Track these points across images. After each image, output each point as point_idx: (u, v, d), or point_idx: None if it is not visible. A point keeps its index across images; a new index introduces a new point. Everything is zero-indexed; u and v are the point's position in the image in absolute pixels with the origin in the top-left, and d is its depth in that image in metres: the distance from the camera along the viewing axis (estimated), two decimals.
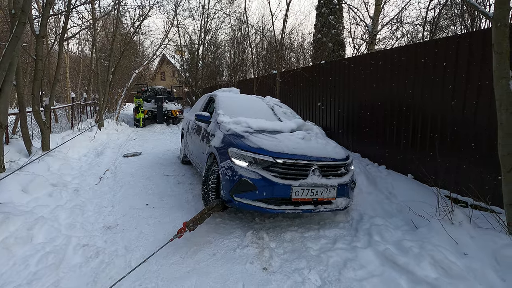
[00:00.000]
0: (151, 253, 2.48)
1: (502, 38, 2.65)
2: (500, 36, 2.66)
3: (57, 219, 3.10)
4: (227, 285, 2.23)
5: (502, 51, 2.65)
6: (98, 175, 5.15)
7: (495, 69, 2.71)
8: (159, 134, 11.32)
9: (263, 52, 15.31)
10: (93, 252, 2.62)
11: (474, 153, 3.44)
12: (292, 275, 2.36)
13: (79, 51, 16.58)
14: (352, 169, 3.50)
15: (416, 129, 4.20)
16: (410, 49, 4.36)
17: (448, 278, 2.20)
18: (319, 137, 3.66)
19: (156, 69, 32.02)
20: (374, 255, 2.60)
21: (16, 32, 3.29)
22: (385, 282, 2.28)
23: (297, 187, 2.92)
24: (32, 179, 3.71)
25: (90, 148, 7.51)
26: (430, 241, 2.61)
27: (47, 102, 6.31)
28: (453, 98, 3.66)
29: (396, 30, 8.47)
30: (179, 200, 4.00)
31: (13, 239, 2.49)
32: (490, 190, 3.22)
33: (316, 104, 6.75)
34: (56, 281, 2.17)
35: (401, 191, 4.07)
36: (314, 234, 3.06)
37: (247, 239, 2.89)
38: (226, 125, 3.53)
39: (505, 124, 2.65)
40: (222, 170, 3.09)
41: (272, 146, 3.05)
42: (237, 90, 5.32)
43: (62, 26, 6.31)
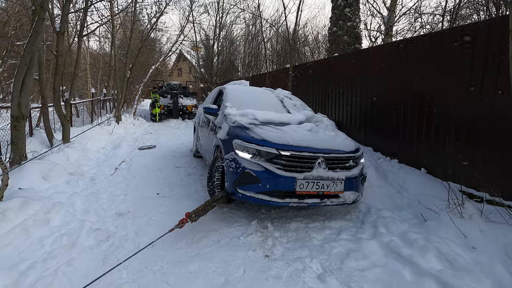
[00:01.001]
0: (152, 241, 2.54)
1: None
2: None
3: (73, 205, 3.27)
4: (229, 270, 2.28)
5: None
6: (114, 166, 5.36)
7: (511, 55, 2.58)
8: (174, 129, 11.56)
9: (278, 46, 15.21)
10: (105, 236, 2.76)
11: (490, 147, 3.30)
12: (294, 263, 2.39)
13: (100, 48, 17.16)
14: (362, 162, 3.43)
15: (429, 122, 4.07)
16: (424, 39, 4.22)
17: (453, 271, 2.15)
18: (328, 129, 3.62)
19: (173, 66, 32.60)
20: (378, 247, 2.58)
21: (35, 28, 3.47)
22: (388, 272, 2.26)
23: (301, 180, 2.87)
24: (51, 167, 3.92)
25: (108, 141, 7.80)
26: (437, 233, 2.55)
27: (68, 97, 6.60)
28: (468, 88, 3.51)
29: (414, 21, 8.17)
30: (188, 190, 4.10)
31: (32, 221, 2.67)
32: (508, 185, 3.08)
33: (328, 98, 6.66)
34: (69, 260, 2.31)
35: (412, 185, 3.97)
36: (319, 225, 3.06)
37: (251, 228, 2.94)
38: (233, 117, 3.55)
39: None
40: (227, 162, 3.11)
41: (276, 137, 3.02)
42: (247, 83, 5.34)
43: (80, 23, 6.56)
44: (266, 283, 2.13)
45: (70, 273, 2.17)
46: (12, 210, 2.66)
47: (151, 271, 2.27)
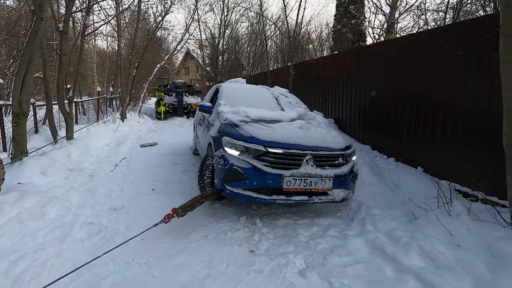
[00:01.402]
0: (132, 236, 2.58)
1: (510, 19, 2.48)
2: (508, 17, 2.48)
3: (69, 200, 3.37)
4: (212, 264, 2.33)
5: (509, 33, 2.48)
6: (114, 163, 5.47)
7: (502, 53, 2.54)
8: (178, 127, 11.69)
9: (282, 45, 15.17)
10: (97, 230, 2.84)
11: (485, 146, 3.25)
12: (277, 258, 2.42)
13: (107, 47, 17.44)
14: (353, 160, 3.41)
15: (426, 121, 4.03)
16: (421, 37, 4.17)
17: (435, 268, 2.15)
18: (320, 126, 3.61)
19: (180, 64, 32.84)
20: (364, 244, 2.59)
21: (34, 27, 3.58)
22: (370, 269, 2.27)
23: (288, 177, 2.87)
24: (51, 163, 4.04)
25: (112, 139, 7.94)
26: (423, 231, 2.55)
27: (71, 95, 6.75)
28: (466, 88, 3.46)
29: (418, 18, 8.05)
30: (183, 187, 4.17)
31: (27, 214, 2.77)
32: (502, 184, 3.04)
33: (328, 96, 6.64)
34: (59, 252, 2.40)
35: (407, 183, 3.95)
36: (308, 222, 3.08)
37: (240, 224, 2.98)
38: (225, 114, 3.59)
39: (511, 111, 2.49)
40: (216, 159, 3.15)
41: (264, 135, 3.03)
42: (243, 81, 5.38)
43: (83, 22, 6.69)
44: (247, 277, 2.17)
45: (59, 264, 2.25)
46: (8, 203, 2.77)
47: (138, 263, 2.34)
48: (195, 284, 2.09)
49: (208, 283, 2.10)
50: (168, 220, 2.73)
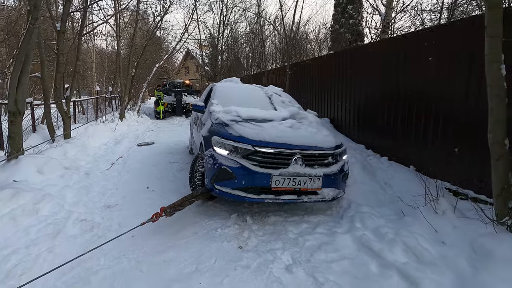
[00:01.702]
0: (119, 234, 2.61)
1: (495, 20, 2.51)
2: (493, 18, 2.52)
3: (64, 197, 3.42)
4: (201, 259, 2.38)
5: (494, 34, 2.52)
6: (110, 161, 5.51)
7: (487, 53, 2.58)
8: (176, 126, 11.73)
9: (280, 45, 15.21)
10: (89, 226, 2.89)
11: (473, 145, 3.29)
12: (265, 254, 2.46)
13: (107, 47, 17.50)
14: (343, 159, 3.41)
15: (418, 120, 4.07)
16: (412, 37, 4.22)
17: (417, 264, 2.19)
18: (311, 125, 3.64)
19: (180, 64, 32.91)
20: (351, 240, 2.63)
21: (29, 28, 3.63)
22: (355, 265, 2.32)
23: (277, 176, 2.88)
24: (47, 161, 4.09)
25: (110, 138, 7.99)
26: (408, 228, 2.59)
27: (68, 94, 6.80)
28: (455, 88, 3.50)
29: (414, 19, 8.08)
30: (177, 185, 4.21)
31: (20, 211, 2.82)
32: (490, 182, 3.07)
33: (324, 95, 6.68)
34: (51, 247, 2.45)
35: (398, 182, 3.99)
36: (297, 219, 3.12)
37: (230, 221, 3.03)
38: (216, 114, 3.61)
39: (495, 110, 2.53)
40: (206, 159, 3.17)
41: (253, 134, 3.05)
42: (238, 80, 5.42)
43: (80, 22, 6.75)
44: (234, 272, 2.22)
45: (50, 259, 2.30)
46: (2, 201, 2.82)
47: (128, 259, 2.39)
48: (182, 279, 2.13)
49: (195, 278, 2.14)
50: (156, 219, 2.74)
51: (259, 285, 2.08)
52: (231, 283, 2.09)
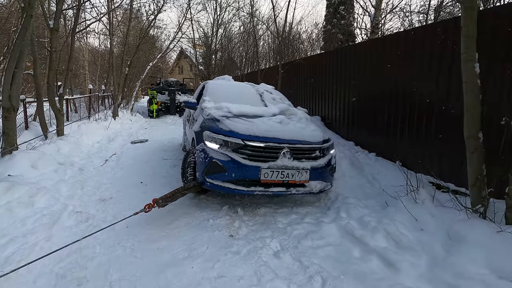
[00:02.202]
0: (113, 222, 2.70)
1: (470, 21, 2.68)
2: (468, 19, 2.69)
3: (58, 191, 3.49)
4: (193, 247, 2.49)
5: (469, 34, 2.69)
6: (104, 158, 5.57)
7: (463, 52, 2.74)
8: (170, 125, 11.78)
9: (273, 44, 15.36)
10: (84, 218, 2.97)
11: (453, 141, 3.45)
12: (254, 242, 2.59)
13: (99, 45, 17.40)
14: (330, 153, 3.54)
15: (403, 118, 4.24)
16: (398, 37, 4.39)
17: (396, 248, 2.34)
18: (300, 121, 3.77)
19: (174, 63, 32.81)
20: (336, 229, 2.77)
21: (24, 24, 3.68)
22: (339, 250, 2.46)
23: (266, 169, 2.99)
24: (41, 156, 4.15)
25: (104, 136, 8.02)
26: (391, 217, 2.74)
27: (62, 91, 6.82)
28: (437, 87, 3.67)
29: (404, 20, 8.30)
30: (170, 180, 4.31)
31: (16, 203, 2.89)
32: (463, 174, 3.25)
33: (315, 94, 6.84)
34: (48, 237, 2.53)
35: (385, 176, 4.15)
36: (287, 211, 3.26)
37: (222, 212, 3.14)
38: (208, 110, 3.71)
39: (470, 105, 2.70)
40: (197, 153, 3.27)
41: (243, 129, 3.15)
42: (230, 78, 5.53)
43: (74, 19, 6.77)
44: (224, 257, 2.34)
45: (47, 247, 2.38)
46: None
47: (122, 247, 2.48)
48: (175, 264, 2.24)
49: (187, 263, 2.25)
50: (149, 210, 2.80)
51: (248, 269, 2.20)
52: (222, 267, 2.21)
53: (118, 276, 2.10)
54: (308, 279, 2.09)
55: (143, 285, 2.01)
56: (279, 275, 2.12)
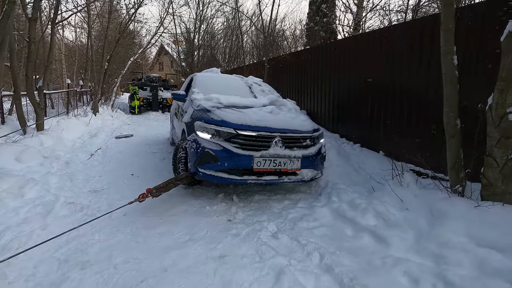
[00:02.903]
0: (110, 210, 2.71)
1: (449, 16, 2.90)
2: (447, 14, 2.91)
3: (47, 182, 3.41)
4: (193, 231, 2.55)
5: (448, 28, 2.91)
6: (89, 153, 5.44)
7: (442, 45, 2.97)
8: (153, 121, 11.59)
9: (258, 40, 15.45)
10: (79, 208, 2.94)
11: (432, 131, 3.70)
12: (253, 225, 2.69)
13: (76, 39, 16.70)
14: (321, 142, 3.65)
15: (386, 111, 4.47)
16: (377, 34, 4.62)
17: (385, 226, 2.52)
18: (290, 112, 3.88)
19: (154, 59, 32.07)
20: (328, 212, 2.93)
21: (6, 11, 3.54)
22: (332, 230, 2.61)
23: (258, 158, 3.02)
24: (24, 149, 4.01)
25: (85, 132, 7.77)
26: (379, 199, 2.92)
27: (41, 84, 6.56)
28: (417, 81, 3.91)
29: (383, 18, 8.66)
30: (160, 172, 4.31)
31: (6, 194, 2.81)
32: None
33: (301, 89, 7.01)
34: (44, 225, 2.50)
35: (370, 165, 4.37)
36: (280, 197, 3.38)
37: (218, 200, 3.22)
38: (198, 101, 3.69)
39: (449, 95, 2.93)
40: (189, 144, 3.25)
41: (235, 118, 3.17)
42: (218, 70, 5.56)
43: (54, 9, 6.52)
44: (225, 239, 2.42)
45: (44, 235, 2.35)
46: None
47: (122, 233, 2.50)
48: (178, 247, 2.29)
49: (190, 245, 2.31)
50: (143, 199, 2.79)
51: (249, 248, 2.29)
52: (224, 248, 2.29)
53: (122, 259, 2.12)
54: (306, 255, 2.21)
55: (148, 266, 2.05)
56: (279, 252, 2.23)
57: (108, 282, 1.88)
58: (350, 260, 2.14)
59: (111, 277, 1.92)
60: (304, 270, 2.02)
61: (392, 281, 1.92)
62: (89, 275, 1.94)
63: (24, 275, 1.90)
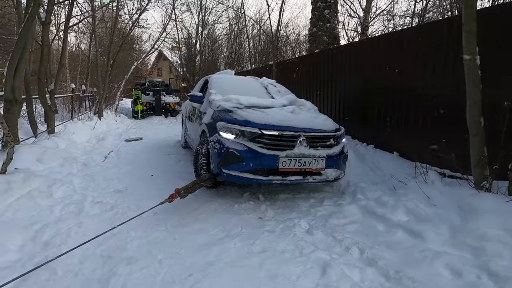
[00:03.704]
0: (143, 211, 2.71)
1: (470, 18, 3.00)
2: (468, 16, 3.00)
3: (72, 183, 3.41)
4: (227, 228, 2.56)
5: (469, 29, 3.00)
6: (102, 155, 5.43)
7: (464, 45, 3.05)
8: (157, 125, 11.59)
9: (259, 46, 15.62)
10: (108, 207, 2.95)
11: (448, 132, 3.75)
12: (284, 222, 2.71)
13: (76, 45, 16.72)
14: (343, 141, 3.64)
15: (400, 112, 4.54)
16: (393, 36, 4.71)
17: (417, 221, 2.56)
18: (310, 111, 3.92)
19: (152, 65, 32.15)
20: (356, 209, 2.96)
21: (31, 12, 3.57)
22: (365, 226, 2.64)
23: (283, 158, 2.99)
24: (44, 151, 4.01)
25: (92, 136, 7.76)
26: (406, 196, 2.97)
27: (53, 87, 6.56)
28: (432, 84, 3.99)
29: (388, 23, 8.83)
30: (180, 172, 4.32)
31: (37, 192, 2.81)
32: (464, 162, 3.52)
33: (310, 93, 7.09)
34: (79, 223, 2.50)
35: (386, 165, 4.42)
36: (304, 196, 3.41)
37: (244, 199, 3.24)
38: (217, 102, 3.68)
39: (472, 94, 3.00)
40: (211, 144, 3.22)
41: (258, 118, 3.15)
42: (232, 72, 5.61)
43: (67, 13, 6.57)
44: (262, 235, 2.44)
45: (81, 232, 2.36)
46: (17, 183, 2.79)
47: (157, 230, 2.51)
48: (217, 243, 2.31)
49: (228, 241, 2.33)
50: (172, 200, 2.81)
51: (288, 244, 2.31)
52: (263, 243, 2.31)
53: (164, 255, 2.13)
54: (345, 250, 2.24)
55: (192, 261, 2.06)
56: (318, 247, 2.26)
57: (155, 276, 1.89)
58: (390, 254, 2.16)
59: (158, 272, 1.93)
60: (347, 264, 2.04)
61: (435, 273, 1.95)
62: (135, 270, 1.94)
63: (72, 271, 1.90)
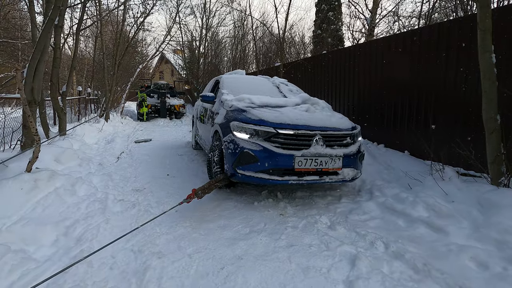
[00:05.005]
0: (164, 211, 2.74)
1: (485, 16, 3.04)
2: (483, 15, 3.05)
3: (92, 182, 3.46)
4: (251, 224, 2.60)
5: (485, 28, 3.05)
6: (115, 156, 5.50)
7: (479, 44, 3.10)
8: (163, 127, 11.66)
9: (263, 48, 15.71)
10: (130, 204, 2.99)
11: (461, 131, 3.79)
12: (306, 218, 2.75)
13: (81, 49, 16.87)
14: (359, 140, 3.58)
15: (411, 112, 4.59)
16: (401, 36, 4.77)
17: (438, 217, 2.59)
18: (325, 110, 3.93)
19: (155, 68, 32.34)
20: (375, 205, 3.00)
21: (51, 15, 3.64)
22: (385, 222, 2.68)
23: (299, 157, 2.91)
24: (62, 151, 4.07)
25: (100, 137, 7.83)
26: (424, 193, 3.00)
27: (65, 89, 6.64)
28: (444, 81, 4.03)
29: (393, 24, 8.90)
30: (195, 172, 4.37)
31: (62, 190, 2.86)
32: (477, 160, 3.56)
33: (318, 94, 7.14)
34: (106, 220, 2.55)
35: (398, 163, 4.46)
36: (321, 194, 3.44)
37: (262, 196, 3.28)
38: (229, 102, 3.63)
39: (488, 91, 3.04)
40: (225, 144, 3.14)
41: (273, 117, 3.08)
42: (243, 72, 5.65)
43: (79, 16, 6.66)
44: (286, 231, 2.48)
45: (110, 228, 2.41)
46: (43, 181, 2.84)
47: (182, 226, 2.55)
48: (243, 238, 2.35)
49: (254, 236, 2.37)
50: (190, 200, 2.77)
51: (313, 239, 2.35)
52: (288, 238, 2.35)
53: (193, 249, 2.17)
54: (370, 244, 2.28)
55: (221, 255, 2.10)
56: (344, 242, 2.29)
57: (189, 269, 1.93)
58: (415, 248, 2.20)
59: (190, 265, 1.97)
60: (375, 257, 2.08)
61: (462, 266, 1.98)
62: (168, 264, 1.98)
63: (107, 264, 1.95)
